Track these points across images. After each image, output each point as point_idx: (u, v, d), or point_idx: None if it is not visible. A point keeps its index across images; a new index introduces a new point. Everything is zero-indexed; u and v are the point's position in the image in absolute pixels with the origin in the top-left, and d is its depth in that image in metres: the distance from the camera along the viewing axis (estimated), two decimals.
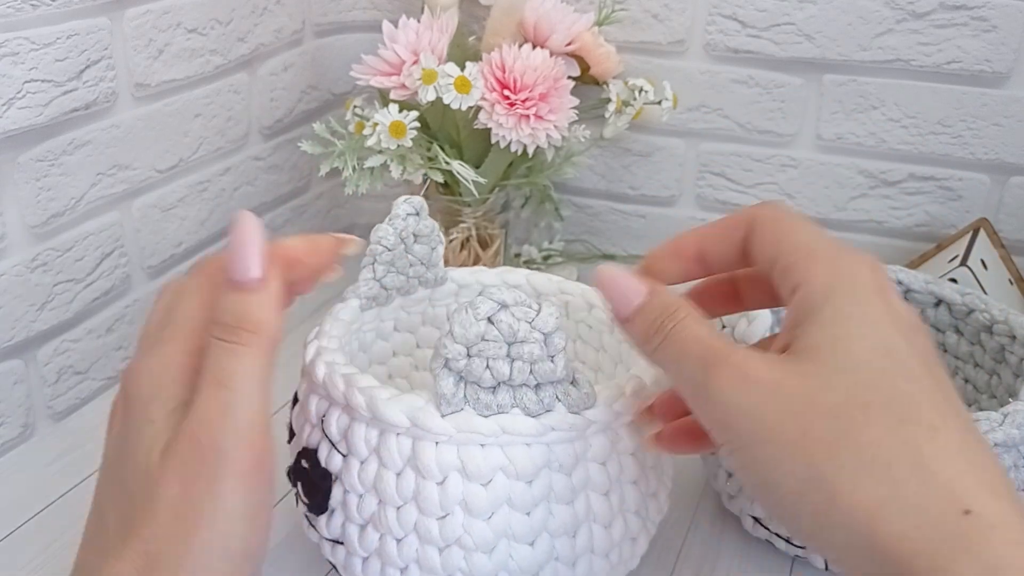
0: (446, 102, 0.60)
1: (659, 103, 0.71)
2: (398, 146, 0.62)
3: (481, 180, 0.64)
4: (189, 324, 0.33)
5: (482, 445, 0.37)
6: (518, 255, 0.78)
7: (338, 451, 0.40)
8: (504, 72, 0.62)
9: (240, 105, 0.70)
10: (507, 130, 0.62)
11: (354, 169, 0.64)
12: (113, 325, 0.62)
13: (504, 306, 0.36)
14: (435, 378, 0.37)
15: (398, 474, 0.38)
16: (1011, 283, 0.66)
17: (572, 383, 0.38)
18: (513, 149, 0.63)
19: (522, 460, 0.38)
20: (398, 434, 0.38)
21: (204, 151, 0.67)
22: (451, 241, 0.68)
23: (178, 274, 0.66)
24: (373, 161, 0.64)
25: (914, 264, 0.70)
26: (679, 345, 0.33)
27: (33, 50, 0.51)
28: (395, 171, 0.64)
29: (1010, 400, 0.43)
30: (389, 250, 0.47)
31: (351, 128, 0.66)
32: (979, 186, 0.72)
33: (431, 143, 0.65)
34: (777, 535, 0.46)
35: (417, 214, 0.47)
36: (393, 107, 0.62)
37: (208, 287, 0.34)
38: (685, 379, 0.33)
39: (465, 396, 0.37)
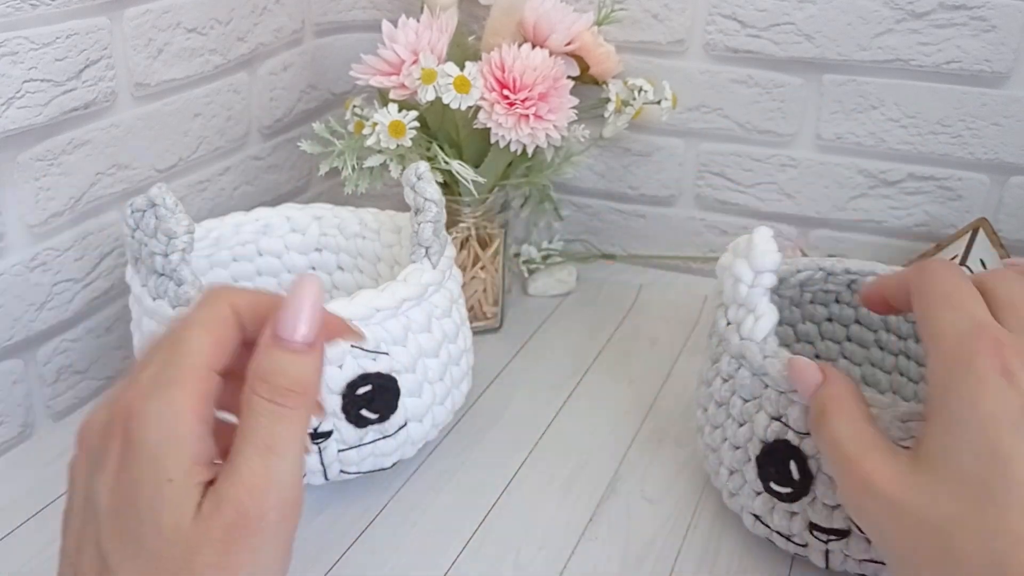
0: (445, 102, 0.60)
1: (659, 103, 0.71)
2: (397, 146, 0.62)
3: (480, 180, 0.64)
4: (199, 365, 0.31)
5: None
6: (517, 255, 0.78)
7: None
8: (504, 72, 0.62)
9: (240, 105, 0.70)
10: (506, 130, 0.62)
11: (353, 169, 0.64)
12: (113, 325, 0.62)
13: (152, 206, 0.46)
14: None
15: None
16: None
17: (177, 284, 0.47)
18: (513, 149, 0.63)
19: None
20: None
21: (204, 151, 0.67)
22: (451, 240, 0.68)
23: None
24: (372, 161, 0.64)
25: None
26: (823, 442, 0.40)
27: (32, 50, 0.51)
28: (395, 171, 0.64)
29: None
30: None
31: (351, 128, 0.66)
32: (979, 186, 0.72)
33: (430, 143, 0.65)
34: (777, 532, 0.46)
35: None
36: (392, 107, 0.61)
37: (219, 325, 0.32)
38: (831, 468, 0.41)
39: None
